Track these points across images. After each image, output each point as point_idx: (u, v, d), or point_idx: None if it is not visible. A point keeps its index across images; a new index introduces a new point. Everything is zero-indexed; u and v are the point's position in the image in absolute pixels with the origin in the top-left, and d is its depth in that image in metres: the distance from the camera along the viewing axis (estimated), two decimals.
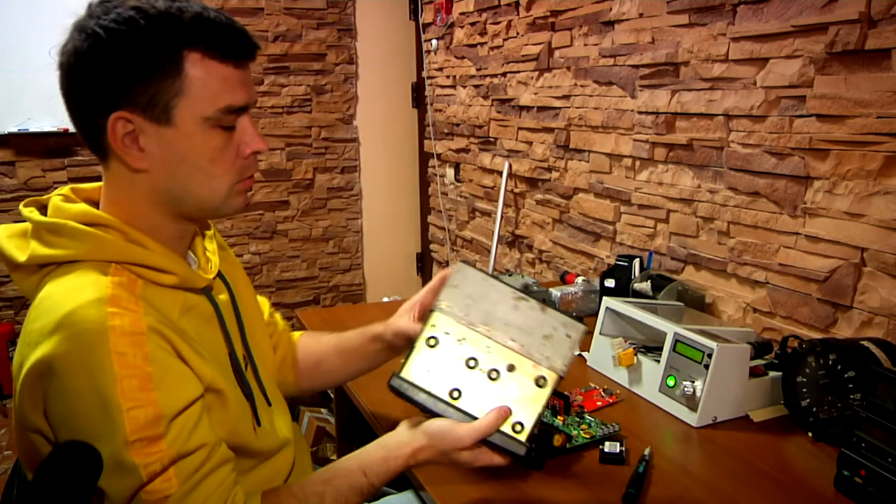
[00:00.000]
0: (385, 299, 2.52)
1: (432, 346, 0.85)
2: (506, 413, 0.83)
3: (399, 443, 0.88)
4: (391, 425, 1.14)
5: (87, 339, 0.71)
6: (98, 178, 0.87)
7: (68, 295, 0.74)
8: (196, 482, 0.75)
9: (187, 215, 0.87)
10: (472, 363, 0.84)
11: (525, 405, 0.84)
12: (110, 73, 0.77)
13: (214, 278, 0.93)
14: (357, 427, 1.65)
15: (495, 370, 0.84)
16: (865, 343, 1.10)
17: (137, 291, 0.78)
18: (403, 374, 0.85)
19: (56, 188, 0.88)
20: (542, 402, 0.84)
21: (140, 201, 0.83)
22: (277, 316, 1.19)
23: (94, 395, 0.71)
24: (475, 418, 0.84)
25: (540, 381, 0.84)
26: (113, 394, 0.71)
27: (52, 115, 2.77)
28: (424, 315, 0.87)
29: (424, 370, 0.85)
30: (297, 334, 1.20)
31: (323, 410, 2.64)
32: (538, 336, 0.85)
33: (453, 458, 0.85)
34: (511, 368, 0.84)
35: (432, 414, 0.86)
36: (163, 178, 0.82)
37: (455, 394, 0.84)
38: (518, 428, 0.84)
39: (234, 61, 0.81)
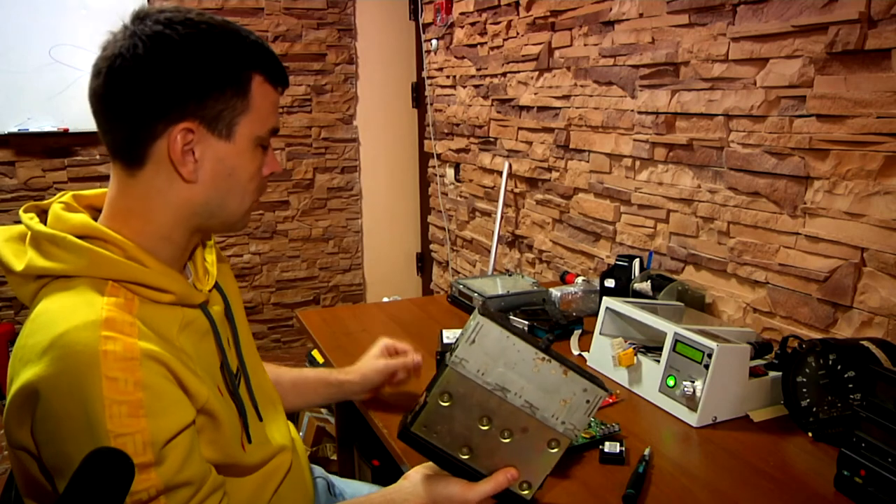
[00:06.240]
0: (385, 299, 2.52)
1: (446, 403, 0.82)
2: (513, 476, 0.84)
3: (403, 499, 0.87)
4: (390, 426, 1.14)
5: (78, 361, 0.70)
6: (97, 179, 0.87)
7: (63, 315, 0.73)
8: None
9: (208, 228, 0.89)
10: (485, 421, 0.83)
11: (535, 465, 0.84)
12: (185, 81, 0.78)
13: (211, 290, 0.92)
14: (357, 427, 1.65)
15: (508, 430, 0.83)
16: (865, 343, 1.10)
17: (135, 311, 0.77)
18: (415, 427, 0.83)
19: (56, 188, 0.88)
20: (552, 464, 0.85)
21: (162, 212, 0.83)
22: None
23: (82, 418, 0.70)
24: (483, 475, 0.84)
25: (552, 444, 0.84)
26: (101, 419, 0.69)
27: (52, 115, 2.77)
28: (439, 369, 0.85)
29: (436, 425, 0.83)
30: None
31: (323, 410, 2.63)
32: (556, 399, 0.82)
33: None
34: (524, 430, 0.83)
35: (441, 465, 0.86)
36: (204, 190, 0.83)
37: (465, 450, 0.84)
38: (525, 486, 0.85)
39: (281, 87, 0.87)
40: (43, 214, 0.83)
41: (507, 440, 0.83)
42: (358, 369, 1.21)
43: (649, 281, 1.59)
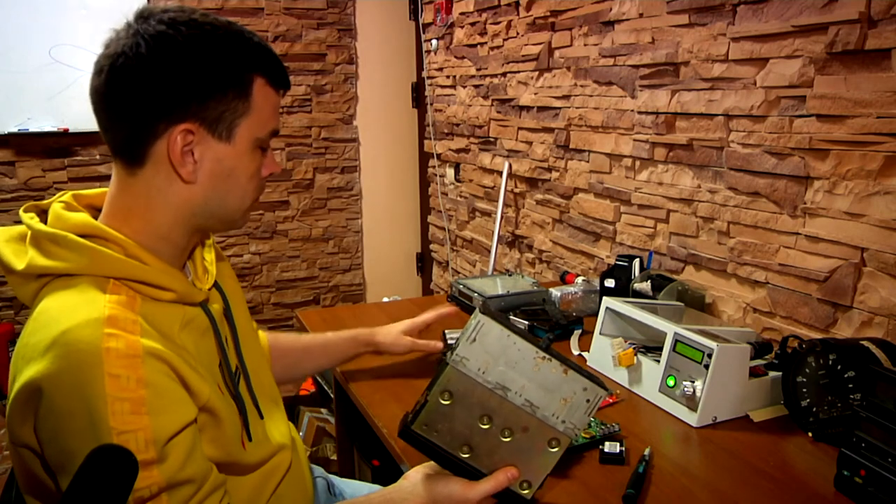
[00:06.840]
0: (385, 299, 2.52)
1: (446, 401, 0.82)
2: (513, 475, 0.84)
3: (403, 498, 0.87)
4: (390, 426, 1.14)
5: (81, 359, 0.70)
6: (97, 179, 0.87)
7: (65, 312, 0.74)
8: None
9: (207, 228, 0.90)
10: (485, 420, 0.83)
11: (535, 465, 0.85)
12: (187, 82, 0.79)
13: (210, 289, 0.92)
14: (357, 427, 1.65)
15: (508, 429, 0.83)
16: (865, 343, 1.10)
17: (137, 309, 0.77)
18: (416, 426, 0.83)
19: (56, 188, 0.88)
20: (553, 464, 0.85)
21: (162, 211, 0.83)
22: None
23: (85, 415, 0.70)
24: (484, 474, 0.84)
25: (552, 443, 0.84)
26: (104, 416, 0.69)
27: (52, 115, 2.77)
28: (439, 367, 0.84)
29: (437, 423, 0.83)
30: (262, 334, 1.19)
31: (323, 410, 2.64)
32: (556, 398, 0.82)
33: None
34: (525, 429, 0.83)
35: (442, 464, 0.86)
36: (203, 191, 0.84)
37: (465, 449, 0.84)
38: (525, 486, 0.85)
39: (283, 90, 0.88)
40: (43, 214, 0.83)
41: (508, 439, 0.83)
42: (389, 333, 1.32)
43: (649, 281, 1.59)
